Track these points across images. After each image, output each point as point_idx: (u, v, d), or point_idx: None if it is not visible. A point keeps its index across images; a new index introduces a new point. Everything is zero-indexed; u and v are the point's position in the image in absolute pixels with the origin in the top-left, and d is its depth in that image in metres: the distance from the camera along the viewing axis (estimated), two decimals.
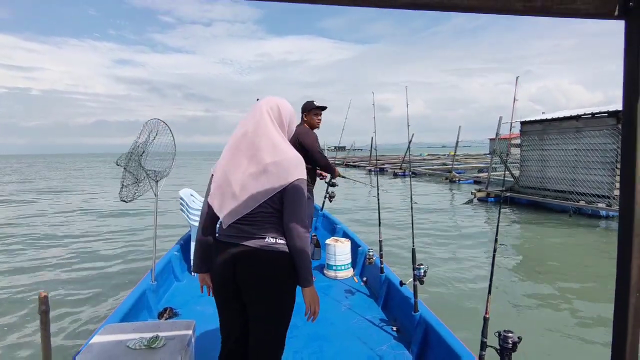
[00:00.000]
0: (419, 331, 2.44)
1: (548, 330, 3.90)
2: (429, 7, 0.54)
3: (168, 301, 3.16)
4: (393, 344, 2.56)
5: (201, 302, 3.13)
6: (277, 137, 1.53)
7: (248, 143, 1.52)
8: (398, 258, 5.91)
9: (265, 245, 1.47)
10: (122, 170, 3.00)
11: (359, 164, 32.67)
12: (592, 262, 6.29)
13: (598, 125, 9.32)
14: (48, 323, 1.40)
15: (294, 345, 2.47)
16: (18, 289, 4.83)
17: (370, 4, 0.56)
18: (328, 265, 3.88)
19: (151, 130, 3.08)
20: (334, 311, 3.05)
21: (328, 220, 5.45)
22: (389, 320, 2.89)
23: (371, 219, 8.99)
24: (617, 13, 0.61)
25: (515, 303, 4.54)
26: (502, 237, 7.67)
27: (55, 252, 6.57)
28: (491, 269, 2.08)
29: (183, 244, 4.03)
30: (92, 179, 23.53)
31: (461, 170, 22.28)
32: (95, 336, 1.84)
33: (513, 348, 1.76)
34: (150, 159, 3.09)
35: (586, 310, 4.40)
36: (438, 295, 4.72)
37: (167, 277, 3.46)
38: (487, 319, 1.95)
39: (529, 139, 11.45)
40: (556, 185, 10.36)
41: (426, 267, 2.58)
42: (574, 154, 9.85)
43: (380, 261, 3.40)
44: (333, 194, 4.81)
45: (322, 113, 3.53)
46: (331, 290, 3.53)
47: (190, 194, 4.20)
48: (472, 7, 0.55)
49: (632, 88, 0.59)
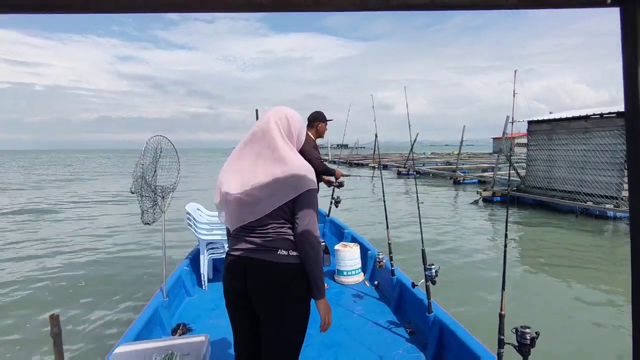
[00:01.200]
0: (434, 332, 2.41)
1: (563, 325, 3.85)
2: (420, 8, 0.54)
3: (181, 317, 3.16)
4: (408, 347, 2.53)
5: (214, 316, 3.13)
6: (285, 148, 1.52)
7: (255, 154, 1.51)
8: (408, 260, 5.87)
9: (277, 257, 1.46)
10: (136, 187, 3.03)
11: (362, 162, 32.73)
12: (600, 262, 6.20)
13: (607, 125, 9.27)
14: (61, 345, 1.40)
15: (308, 355, 2.45)
16: (28, 308, 4.85)
17: (364, 8, 0.56)
18: (338, 271, 3.86)
19: (156, 147, 3.11)
20: (347, 317, 3.03)
21: (335, 225, 5.43)
22: (402, 323, 2.86)
23: (378, 220, 8.95)
24: (610, 0, 0.61)
25: (527, 300, 4.49)
26: (509, 236, 7.63)
27: (63, 270, 6.60)
28: (504, 264, 2.05)
29: (192, 259, 4.03)
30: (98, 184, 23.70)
31: (465, 170, 22.10)
32: (110, 356, 1.84)
33: (531, 344, 1.73)
34: (155, 175, 3.12)
35: (599, 306, 4.36)
36: (450, 295, 4.68)
37: (178, 292, 3.46)
38: (502, 315, 1.92)
39: (537, 138, 11.39)
40: (563, 186, 10.28)
41: (437, 267, 2.56)
42: (582, 154, 9.78)
43: (391, 264, 3.38)
44: (339, 199, 4.80)
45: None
46: (343, 296, 3.51)
47: (197, 208, 4.21)
48: (464, 5, 0.55)
49: (632, 79, 0.58)
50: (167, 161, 3.18)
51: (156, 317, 2.80)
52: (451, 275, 5.28)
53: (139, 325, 2.51)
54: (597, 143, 9.41)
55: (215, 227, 3.87)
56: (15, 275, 6.46)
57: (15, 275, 6.54)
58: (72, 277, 6.37)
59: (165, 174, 3.18)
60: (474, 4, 0.59)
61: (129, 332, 2.40)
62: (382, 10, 0.59)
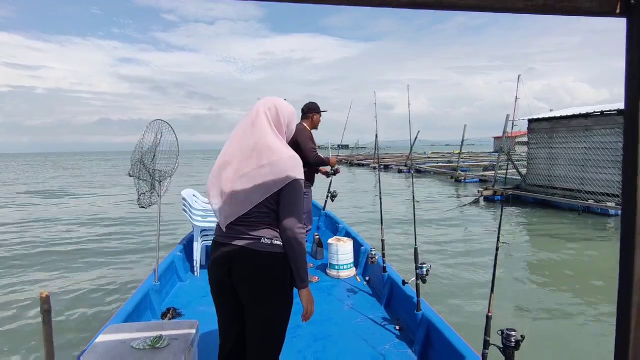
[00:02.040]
0: (422, 330, 2.44)
1: (552, 330, 3.89)
2: (427, 6, 0.54)
3: (171, 301, 3.18)
4: (396, 342, 2.56)
5: (204, 302, 3.14)
6: (272, 138, 1.52)
7: (244, 144, 1.51)
8: (400, 257, 5.90)
9: (260, 246, 1.46)
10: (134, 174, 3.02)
11: (363, 162, 32.65)
12: (600, 261, 6.24)
13: (607, 123, 9.27)
14: (50, 323, 1.41)
15: (297, 345, 2.47)
16: (19, 288, 4.86)
17: (370, 3, 0.56)
18: (330, 264, 3.88)
19: (156, 131, 3.09)
20: (336, 311, 3.05)
21: (330, 219, 5.45)
22: (391, 319, 2.89)
23: (373, 219, 8.97)
24: (619, 10, 0.61)
25: (518, 303, 4.53)
26: (508, 235, 7.66)
27: (57, 252, 6.60)
28: (494, 267, 2.07)
29: (186, 244, 4.04)
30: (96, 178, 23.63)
31: (466, 168, 22.08)
32: (99, 336, 1.85)
33: (516, 346, 1.75)
34: (154, 159, 3.11)
35: (592, 308, 4.38)
36: (440, 294, 4.71)
37: (170, 277, 3.47)
38: (489, 317, 1.94)
39: (537, 136, 11.37)
40: (564, 184, 10.29)
41: (428, 266, 2.57)
42: (583, 152, 9.79)
43: (383, 260, 3.40)
44: (335, 193, 4.81)
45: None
46: (334, 289, 3.53)
47: (192, 194, 4.21)
48: (472, 6, 0.55)
49: (634, 86, 0.59)
50: (167, 144, 3.17)
51: (146, 300, 2.81)
52: (443, 275, 5.32)
53: (129, 307, 2.52)
54: (597, 141, 9.41)
55: (210, 214, 3.88)
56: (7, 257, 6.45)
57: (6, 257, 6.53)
58: (64, 254, 6.37)
59: (165, 157, 3.18)
60: (482, 5, 0.59)
61: (118, 314, 2.40)
62: (387, 6, 0.59)
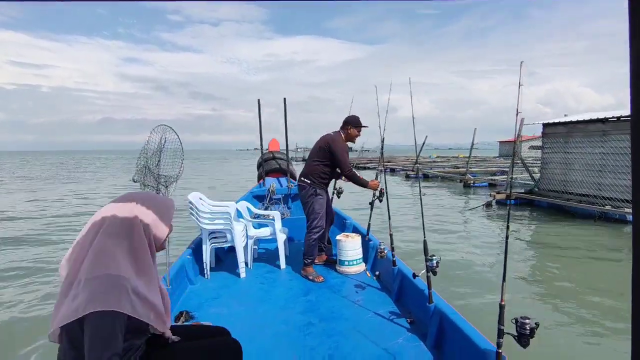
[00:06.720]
0: (434, 322, 2.44)
1: (565, 322, 3.87)
2: None
3: (183, 305, 3.20)
4: (408, 336, 2.56)
5: (216, 304, 3.16)
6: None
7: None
8: (409, 255, 5.88)
9: None
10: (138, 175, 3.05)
11: (368, 165, 32.43)
12: (616, 265, 6.13)
13: (625, 128, 9.12)
14: None
15: (310, 343, 2.48)
16: (30, 304, 4.91)
17: None
18: (340, 261, 3.88)
19: (161, 137, 3.11)
20: (348, 307, 3.05)
21: (337, 216, 5.45)
22: (403, 313, 2.89)
23: (380, 219, 8.96)
24: None
25: (531, 296, 4.50)
26: (523, 238, 7.63)
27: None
28: (505, 255, 2.06)
29: (195, 248, 4.07)
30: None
31: (474, 173, 21.42)
32: None
33: (531, 334, 1.74)
34: (159, 165, 3.13)
35: (605, 305, 4.34)
36: (452, 286, 4.70)
37: (181, 281, 3.49)
38: (502, 306, 1.93)
39: (552, 141, 11.23)
40: (580, 189, 10.16)
41: (438, 258, 2.56)
42: (600, 157, 9.67)
43: (392, 254, 3.39)
44: (341, 190, 4.84)
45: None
46: (344, 286, 3.53)
47: (199, 197, 4.22)
48: None
49: (639, 74, 0.56)
50: (171, 150, 3.19)
51: None
52: (455, 270, 5.30)
53: None
54: (615, 146, 9.30)
55: (217, 217, 3.90)
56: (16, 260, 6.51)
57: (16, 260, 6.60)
58: None
59: (169, 162, 3.19)
60: None
61: None
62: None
